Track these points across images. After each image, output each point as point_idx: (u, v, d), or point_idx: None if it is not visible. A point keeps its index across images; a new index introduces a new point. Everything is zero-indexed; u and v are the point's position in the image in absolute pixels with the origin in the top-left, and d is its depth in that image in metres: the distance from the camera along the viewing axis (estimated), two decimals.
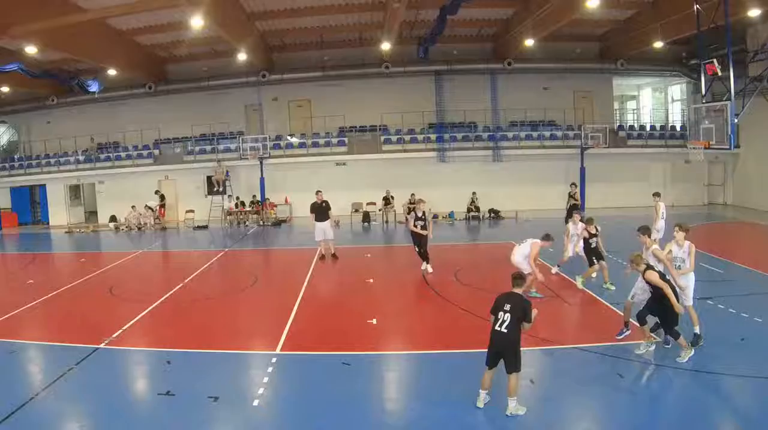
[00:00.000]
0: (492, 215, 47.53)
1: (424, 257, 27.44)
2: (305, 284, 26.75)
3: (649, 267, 15.34)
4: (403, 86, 53.38)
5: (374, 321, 20.33)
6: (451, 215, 48.10)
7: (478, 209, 47.82)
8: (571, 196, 41.91)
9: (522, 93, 53.14)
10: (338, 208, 46.26)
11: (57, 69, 50.53)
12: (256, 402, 14.20)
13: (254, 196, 52.06)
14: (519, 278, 13.88)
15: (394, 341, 19.14)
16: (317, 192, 32.82)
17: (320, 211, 32.05)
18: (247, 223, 51.15)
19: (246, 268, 32.14)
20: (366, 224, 47.84)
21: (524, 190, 49.83)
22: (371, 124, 54.22)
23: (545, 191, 49.52)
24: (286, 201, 52.84)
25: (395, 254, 35.78)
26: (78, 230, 53.13)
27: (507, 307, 12.96)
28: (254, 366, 17.21)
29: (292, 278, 28.22)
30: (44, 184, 59.57)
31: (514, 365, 12.76)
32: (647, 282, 15.31)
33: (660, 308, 15.21)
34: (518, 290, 13.54)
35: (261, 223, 50.18)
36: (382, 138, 52.65)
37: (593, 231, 23.37)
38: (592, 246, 23.31)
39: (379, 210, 48.45)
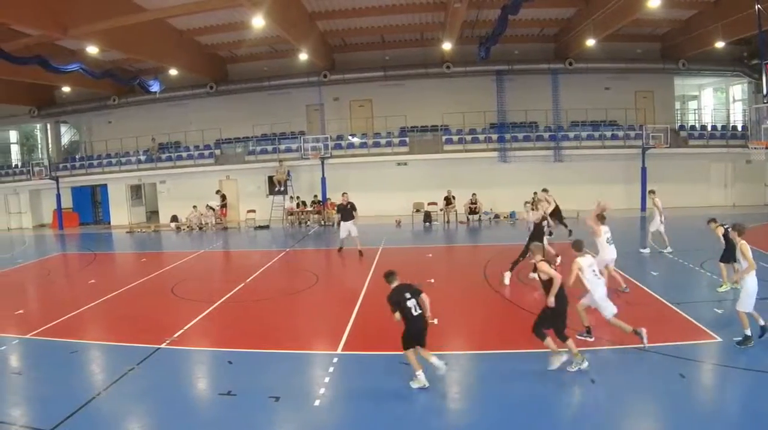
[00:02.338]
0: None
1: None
2: (366, 283, 26.86)
3: (542, 260, 16.17)
4: (464, 86, 53.61)
5: (435, 321, 19.10)
6: (512, 214, 48.17)
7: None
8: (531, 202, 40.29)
9: (583, 93, 53.36)
10: (399, 208, 47.88)
11: (118, 69, 50.96)
12: (317, 402, 14.39)
13: (315, 196, 52.60)
14: (390, 274, 16.01)
15: (456, 341, 19.05)
16: (343, 194, 36.42)
17: (345, 211, 35.32)
18: (308, 223, 51.78)
19: (307, 268, 32.12)
20: (427, 223, 47.90)
21: (585, 190, 48.71)
22: (432, 124, 54.57)
23: (606, 191, 47.75)
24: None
25: (457, 254, 35.42)
26: (139, 230, 54.21)
27: (408, 295, 15.13)
28: (315, 366, 17.40)
29: (353, 278, 28.73)
30: (105, 184, 60.73)
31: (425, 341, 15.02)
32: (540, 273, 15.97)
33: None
34: (397, 283, 15.77)
35: (322, 223, 50.78)
36: (444, 138, 52.79)
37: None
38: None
39: (441, 210, 48.55)
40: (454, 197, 48.24)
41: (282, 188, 52.76)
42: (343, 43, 54.59)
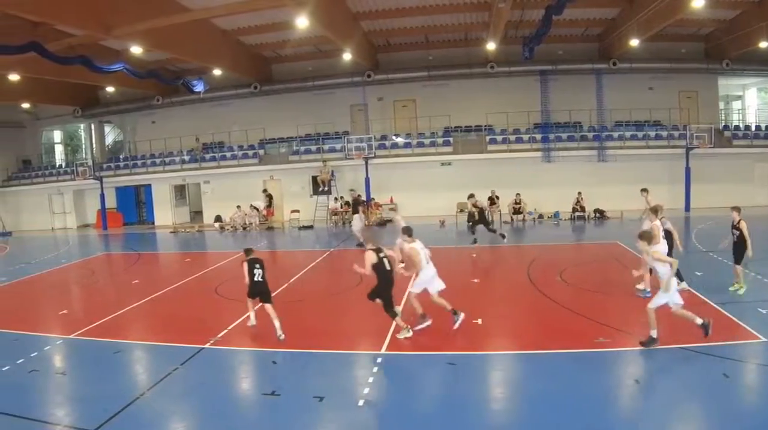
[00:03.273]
0: (597, 214, 48.00)
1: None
2: (410, 284, 25.80)
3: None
4: (508, 86, 53.96)
5: (479, 321, 20.23)
6: (556, 214, 48.57)
7: (583, 209, 48.04)
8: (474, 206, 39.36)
9: (627, 93, 53.48)
10: (443, 209, 48.14)
11: (162, 69, 51.72)
12: (361, 402, 14.33)
13: (359, 195, 52.48)
14: (248, 250, 21.55)
15: (499, 341, 19.15)
16: (351, 190, 40.70)
17: (356, 206, 40.98)
18: (351, 223, 51.42)
19: (351, 268, 32.75)
20: (470, 223, 46.48)
21: (629, 189, 46.02)
22: (476, 124, 54.95)
23: (650, 191, 48.93)
24: (390, 201, 53.09)
25: (501, 255, 35.43)
26: (183, 230, 55.08)
27: (258, 265, 20.20)
28: (359, 366, 17.37)
29: (396, 278, 28.51)
30: (149, 184, 61.74)
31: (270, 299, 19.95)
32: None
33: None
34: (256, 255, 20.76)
35: (366, 223, 49.91)
36: (488, 138, 53.10)
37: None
38: None
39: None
40: (498, 197, 48.45)
41: (326, 188, 53.18)
42: (387, 43, 55.15)
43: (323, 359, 17.93)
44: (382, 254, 19.30)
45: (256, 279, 20.05)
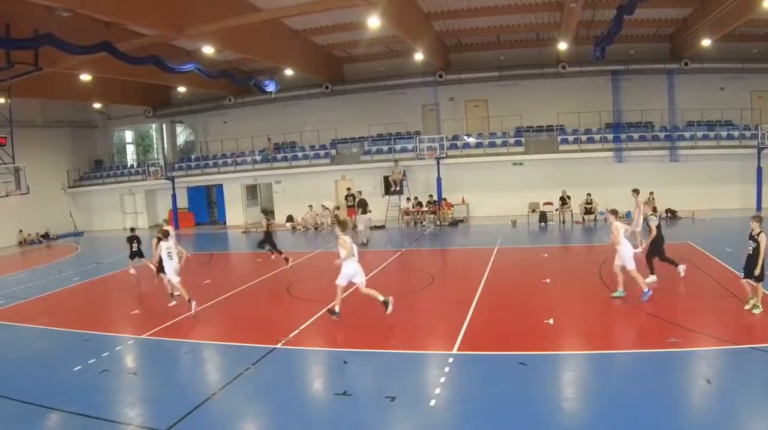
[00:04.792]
0: (669, 214, 48.22)
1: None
2: (482, 283, 27.40)
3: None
4: (580, 86, 55.06)
5: (551, 321, 20.78)
6: (628, 214, 46.94)
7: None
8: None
9: (698, 93, 54.40)
10: (514, 209, 50.16)
11: (233, 69, 53.45)
12: (432, 402, 14.69)
13: (431, 196, 54.39)
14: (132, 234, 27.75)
15: (571, 341, 19.46)
16: (359, 191, 46.73)
17: (364, 206, 43.93)
18: (423, 223, 53.82)
19: (423, 268, 32.94)
20: (543, 223, 48.96)
21: (700, 190, 50.83)
22: (548, 124, 56.18)
23: (721, 191, 50.67)
24: (462, 201, 54.99)
25: (572, 254, 36.13)
26: (255, 230, 56.32)
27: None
28: (431, 366, 17.82)
29: (468, 278, 29.15)
30: (221, 184, 64.62)
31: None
32: None
33: None
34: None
35: (438, 223, 52.48)
36: (559, 138, 54.24)
37: None
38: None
39: (556, 210, 49.76)
40: (569, 197, 49.81)
41: (398, 188, 54.54)
42: (459, 43, 56.60)
43: (395, 358, 18.62)
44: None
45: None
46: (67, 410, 15.38)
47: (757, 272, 19.30)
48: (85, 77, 47.85)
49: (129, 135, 78.95)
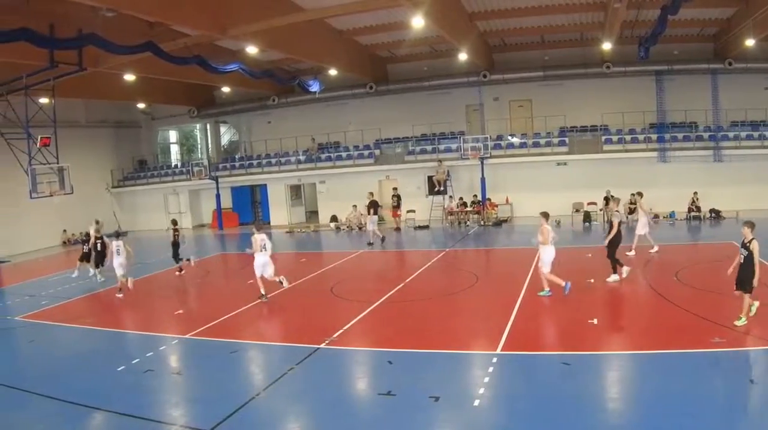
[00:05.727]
0: (713, 214, 48.93)
1: None
2: (526, 283, 27.95)
3: None
4: (623, 86, 55.58)
5: (594, 321, 21.11)
6: (671, 214, 50.66)
7: (698, 209, 49.01)
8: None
9: (742, 93, 54.75)
10: (558, 208, 50.46)
11: (277, 69, 54.61)
12: (476, 402, 15.06)
13: (475, 196, 55.41)
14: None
15: (615, 341, 19.86)
16: (370, 193, 48.28)
17: (375, 207, 45.98)
18: (467, 223, 54.65)
19: (467, 268, 33.63)
20: (587, 223, 49.68)
21: (745, 190, 50.92)
22: (592, 124, 56.79)
23: (766, 191, 50.61)
24: (506, 201, 56.25)
25: (638, 255, 34.67)
26: (299, 230, 59.10)
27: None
28: (475, 366, 18.22)
29: (512, 278, 29.57)
30: (265, 184, 66.25)
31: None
32: None
33: None
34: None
35: (482, 223, 53.53)
36: (603, 138, 54.72)
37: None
38: None
39: (600, 210, 50.36)
40: (613, 197, 48.51)
41: (442, 188, 55.20)
42: (503, 43, 57.38)
43: (439, 358, 18.98)
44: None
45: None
46: (110, 409, 16.18)
47: (755, 282, 18.93)
48: (129, 77, 49.04)
49: (173, 135, 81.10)
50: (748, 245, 18.97)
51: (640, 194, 36.55)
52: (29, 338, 25.46)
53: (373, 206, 46.27)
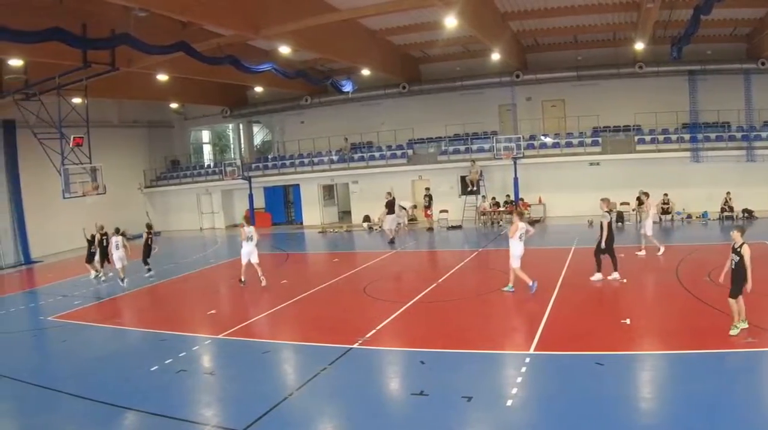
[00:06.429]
0: (745, 214, 48.93)
1: None
2: (559, 283, 28.30)
3: None
4: (656, 86, 55.94)
5: (627, 321, 21.22)
6: (704, 214, 51.12)
7: (731, 209, 49.01)
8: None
9: None
10: (591, 209, 49.13)
11: (310, 69, 55.54)
12: (509, 402, 15.21)
13: (508, 196, 56.32)
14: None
15: (648, 340, 19.79)
16: (387, 193, 48.53)
17: (392, 206, 46.97)
18: (501, 223, 55.18)
19: (500, 268, 32.17)
20: (619, 224, 49.20)
21: None
22: (624, 124, 57.15)
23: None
24: (539, 201, 57.04)
25: (649, 254, 35.34)
26: (332, 230, 60.32)
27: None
28: (508, 366, 18.41)
29: (545, 278, 28.99)
30: (298, 184, 67.76)
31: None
32: None
33: None
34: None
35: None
36: (636, 138, 55.06)
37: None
38: None
39: (633, 210, 49.92)
40: (647, 195, 48.27)
41: (474, 188, 56.23)
42: (536, 43, 58.18)
43: (471, 359, 19.14)
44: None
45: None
46: (143, 409, 16.51)
47: (748, 287, 18.81)
48: (162, 77, 49.87)
49: (206, 135, 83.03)
50: (739, 249, 19.02)
51: (646, 194, 37.34)
52: (62, 338, 26.07)
53: (389, 206, 47.58)
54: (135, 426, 16.14)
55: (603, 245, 28.88)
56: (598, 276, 28.67)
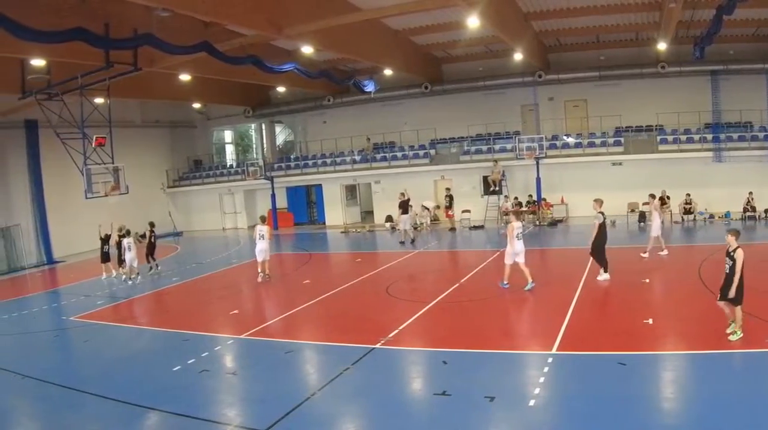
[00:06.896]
0: (767, 214, 48.98)
1: None
2: (581, 283, 28.46)
3: None
4: (679, 86, 56.17)
5: (650, 321, 21.28)
6: (727, 214, 51.45)
7: (754, 209, 49.24)
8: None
9: None
10: (613, 208, 50.35)
11: (332, 69, 56.24)
12: (532, 402, 15.30)
13: (530, 196, 57.05)
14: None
15: (671, 341, 19.75)
16: (401, 193, 48.65)
17: (405, 206, 47.56)
18: (523, 223, 54.17)
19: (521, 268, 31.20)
20: (642, 223, 49.95)
21: None
22: (647, 124, 57.40)
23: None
24: (562, 201, 57.32)
25: (671, 254, 35.61)
26: (354, 230, 61.08)
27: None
28: (530, 366, 18.53)
29: (568, 278, 30.11)
30: (320, 184, 68.56)
31: None
32: None
33: None
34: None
35: (537, 223, 54.95)
36: (658, 138, 55.33)
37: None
38: None
39: (654, 209, 49.11)
40: (668, 197, 50.33)
41: (497, 188, 56.85)
42: (558, 43, 58.69)
43: (493, 359, 19.28)
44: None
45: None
46: (166, 409, 16.73)
47: (731, 293, 18.61)
48: (184, 77, 50.45)
49: (228, 135, 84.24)
50: (732, 253, 18.80)
51: (652, 196, 37.82)
52: (84, 338, 26.43)
53: (403, 206, 48.24)
54: (158, 426, 16.49)
55: (590, 244, 29.59)
56: (605, 276, 29.13)
